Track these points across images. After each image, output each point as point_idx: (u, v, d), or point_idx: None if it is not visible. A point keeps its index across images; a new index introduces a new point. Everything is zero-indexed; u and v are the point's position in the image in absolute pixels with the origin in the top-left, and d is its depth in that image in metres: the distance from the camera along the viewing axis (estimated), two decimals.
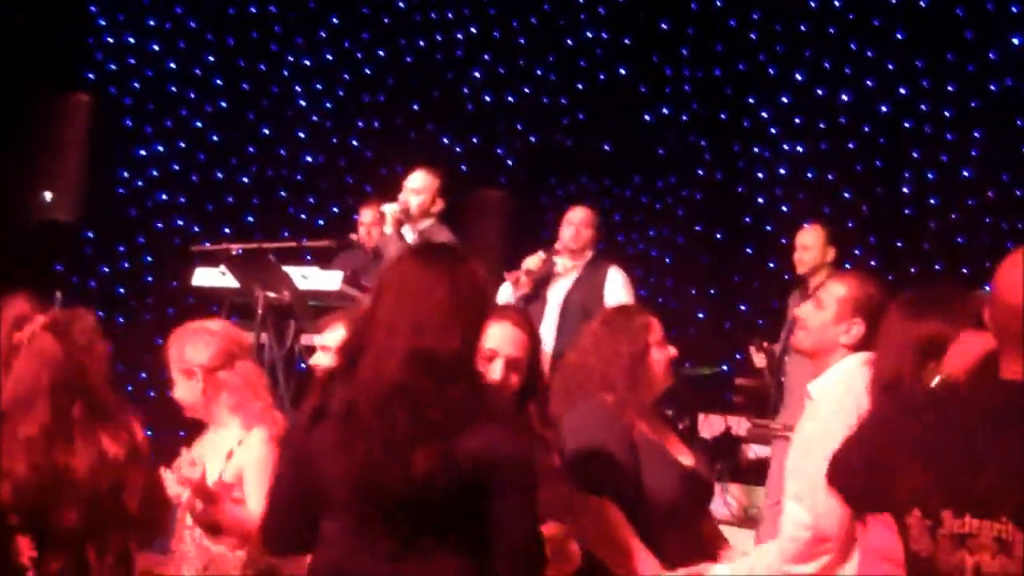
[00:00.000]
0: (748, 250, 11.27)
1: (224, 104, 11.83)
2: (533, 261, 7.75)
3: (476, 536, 3.10)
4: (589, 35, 11.77)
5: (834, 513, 3.60)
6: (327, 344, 4.80)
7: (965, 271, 10.24)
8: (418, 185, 7.68)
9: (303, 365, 7.47)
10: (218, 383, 4.39)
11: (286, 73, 11.92)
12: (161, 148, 11.66)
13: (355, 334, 3.25)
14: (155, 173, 11.61)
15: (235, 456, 4.31)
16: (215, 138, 11.82)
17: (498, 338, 3.75)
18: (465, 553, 3.10)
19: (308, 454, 3.21)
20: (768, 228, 11.17)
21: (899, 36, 10.98)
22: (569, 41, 11.78)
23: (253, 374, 4.51)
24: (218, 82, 11.85)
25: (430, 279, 3.18)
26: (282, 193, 11.83)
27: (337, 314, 5.31)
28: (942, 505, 2.54)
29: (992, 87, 10.66)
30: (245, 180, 11.81)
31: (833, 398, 3.84)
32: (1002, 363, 2.63)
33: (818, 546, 3.74)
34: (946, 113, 10.85)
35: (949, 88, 10.82)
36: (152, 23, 11.64)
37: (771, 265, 11.17)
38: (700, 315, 11.32)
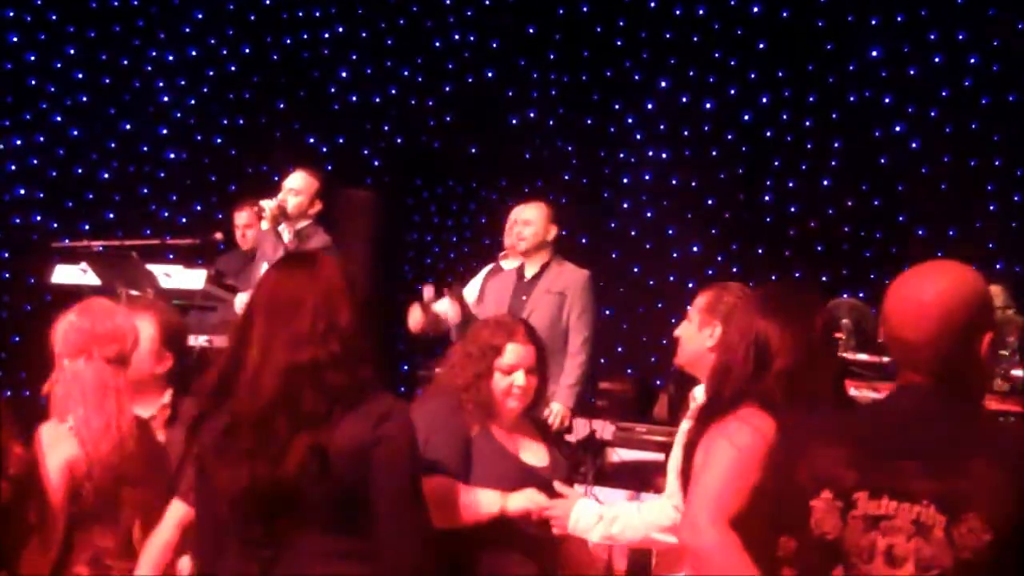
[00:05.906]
0: (613, 255, 11.34)
1: (85, 98, 11.62)
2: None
3: (358, 530, 3.13)
4: (456, 37, 11.77)
5: None
6: None
7: (824, 279, 10.43)
8: (297, 186, 7.69)
9: None
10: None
11: (148, 68, 11.72)
12: (19, 142, 11.41)
13: (231, 352, 3.25)
14: (13, 167, 11.37)
15: None
16: (75, 133, 11.59)
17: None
18: (351, 550, 3.13)
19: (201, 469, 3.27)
20: (633, 233, 11.28)
21: (761, 46, 11.14)
22: (436, 43, 11.77)
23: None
24: (79, 76, 11.62)
25: (297, 290, 3.21)
26: (144, 190, 11.64)
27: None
28: (856, 487, 2.63)
29: (851, 98, 10.86)
30: (106, 176, 11.61)
31: None
32: (900, 373, 2.80)
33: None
34: (806, 123, 11.04)
35: (810, 98, 11.00)
36: (11, 14, 11.38)
37: (635, 270, 11.28)
38: None
